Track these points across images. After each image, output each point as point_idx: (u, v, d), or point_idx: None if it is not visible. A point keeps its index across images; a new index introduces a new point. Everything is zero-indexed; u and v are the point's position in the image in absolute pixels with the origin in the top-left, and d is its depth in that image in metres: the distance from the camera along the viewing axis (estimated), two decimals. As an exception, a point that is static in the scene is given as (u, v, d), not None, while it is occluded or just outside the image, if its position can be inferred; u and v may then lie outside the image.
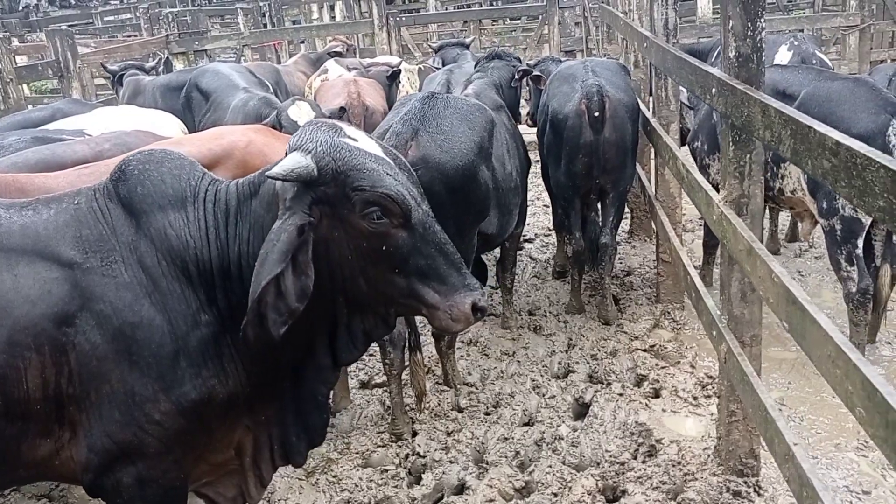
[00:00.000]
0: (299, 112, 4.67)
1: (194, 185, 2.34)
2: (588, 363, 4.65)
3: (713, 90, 3.12)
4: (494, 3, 18.96)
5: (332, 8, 18.47)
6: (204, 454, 2.46)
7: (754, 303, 3.24)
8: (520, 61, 5.72)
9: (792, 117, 2.24)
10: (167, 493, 2.37)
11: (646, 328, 5.01)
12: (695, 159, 5.44)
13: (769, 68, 4.92)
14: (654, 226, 5.59)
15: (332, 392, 4.45)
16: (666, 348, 4.72)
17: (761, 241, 3.19)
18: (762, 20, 2.94)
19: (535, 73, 5.40)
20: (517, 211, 4.62)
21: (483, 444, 3.92)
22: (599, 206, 5.03)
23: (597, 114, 4.63)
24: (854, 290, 4.31)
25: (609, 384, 4.39)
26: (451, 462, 3.77)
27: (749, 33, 2.94)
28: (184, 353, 2.26)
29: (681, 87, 5.65)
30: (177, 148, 3.73)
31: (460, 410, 4.26)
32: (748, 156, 3.07)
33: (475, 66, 5.61)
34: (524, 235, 7.13)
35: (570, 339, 5.00)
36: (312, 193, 2.15)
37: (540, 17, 10.30)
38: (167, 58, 10.43)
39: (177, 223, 2.28)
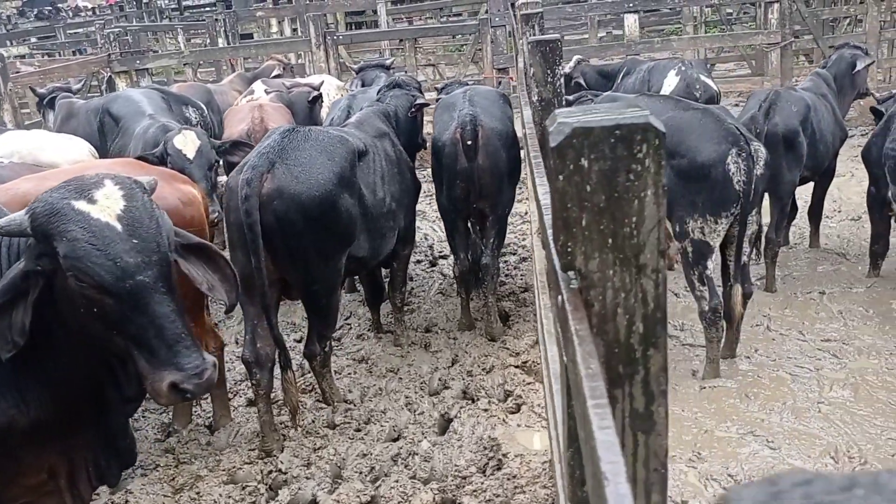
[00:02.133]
0: (184, 141, 4.87)
1: None
2: (464, 379, 4.87)
3: (524, 130, 3.36)
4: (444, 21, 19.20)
5: (293, 21, 18.69)
6: (15, 478, 2.66)
7: (571, 327, 3.47)
8: (420, 91, 5.96)
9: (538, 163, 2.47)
10: (-26, 514, 2.57)
11: (528, 344, 5.24)
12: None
13: (638, 96, 5.20)
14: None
15: (212, 410, 4.67)
16: (539, 364, 4.94)
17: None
18: (560, 68, 3.18)
19: (441, 98, 5.65)
20: (393, 234, 4.83)
21: (343, 459, 4.13)
22: (480, 228, 5.26)
23: (469, 142, 4.86)
24: (707, 308, 4.56)
25: (477, 400, 4.61)
26: (307, 478, 3.98)
27: (549, 79, 3.19)
28: (-18, 387, 2.46)
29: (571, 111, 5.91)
30: (43, 182, 3.95)
31: (333, 427, 4.47)
32: (556, 191, 3.30)
33: (377, 93, 5.83)
34: (440, 252, 7.37)
35: (456, 356, 5.22)
36: (41, 247, 2.35)
37: (473, 35, 10.55)
38: (110, 76, 10.62)
39: None
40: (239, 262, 4.06)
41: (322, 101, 7.69)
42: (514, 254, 7.03)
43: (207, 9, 27.48)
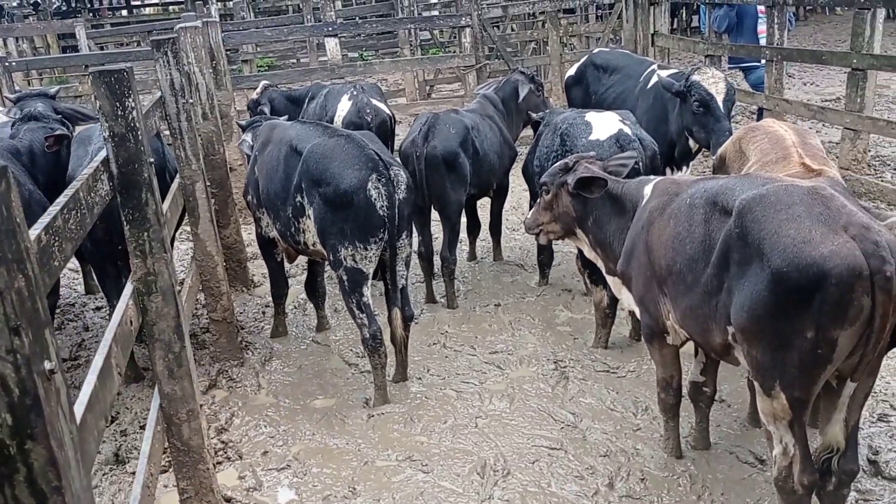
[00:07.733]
0: None
1: None
2: (116, 441, 4.43)
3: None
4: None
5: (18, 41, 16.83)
6: None
7: (184, 378, 3.21)
8: (65, 123, 5.39)
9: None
10: None
11: (201, 389, 4.88)
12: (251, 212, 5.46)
13: (293, 123, 5.06)
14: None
15: None
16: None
17: (179, 317, 3.16)
18: (131, 100, 2.90)
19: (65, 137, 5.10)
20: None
21: None
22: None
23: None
24: (367, 335, 4.50)
25: (126, 462, 4.19)
26: None
27: (120, 113, 2.90)
28: None
29: (244, 137, 5.66)
30: None
31: None
32: (146, 234, 3.02)
33: (11, 127, 5.20)
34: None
35: (117, 412, 4.74)
36: None
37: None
38: None
39: None
40: None
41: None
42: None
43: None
